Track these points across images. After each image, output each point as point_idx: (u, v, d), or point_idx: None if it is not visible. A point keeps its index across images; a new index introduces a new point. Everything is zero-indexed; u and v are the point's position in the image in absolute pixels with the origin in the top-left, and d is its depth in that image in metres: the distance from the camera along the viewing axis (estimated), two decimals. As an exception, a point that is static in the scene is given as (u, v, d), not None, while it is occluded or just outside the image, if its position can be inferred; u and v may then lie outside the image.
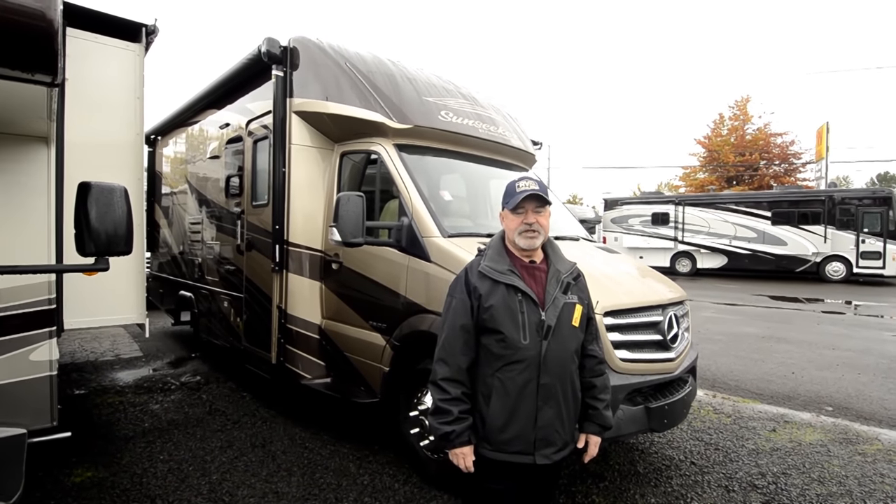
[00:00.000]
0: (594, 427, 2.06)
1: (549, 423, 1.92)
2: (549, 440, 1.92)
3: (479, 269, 2.00)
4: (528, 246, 2.02)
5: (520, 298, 1.93)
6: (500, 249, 2.07)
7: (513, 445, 1.91)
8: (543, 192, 2.02)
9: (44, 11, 1.68)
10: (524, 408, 1.90)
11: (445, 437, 1.92)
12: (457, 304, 1.99)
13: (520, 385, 1.90)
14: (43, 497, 3.10)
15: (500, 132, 4.69)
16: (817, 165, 30.38)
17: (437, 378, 1.96)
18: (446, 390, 1.93)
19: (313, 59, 4.24)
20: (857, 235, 18.58)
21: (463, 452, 1.92)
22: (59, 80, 1.90)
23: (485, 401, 1.94)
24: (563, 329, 1.95)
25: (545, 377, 1.91)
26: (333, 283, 4.16)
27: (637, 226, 23.33)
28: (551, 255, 2.11)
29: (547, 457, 1.92)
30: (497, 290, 1.94)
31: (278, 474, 3.46)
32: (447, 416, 1.91)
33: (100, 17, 3.71)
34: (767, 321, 10.20)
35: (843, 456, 3.89)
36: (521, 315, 1.91)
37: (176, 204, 7.09)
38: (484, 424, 1.94)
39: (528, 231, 2.00)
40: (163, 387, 5.40)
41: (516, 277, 1.96)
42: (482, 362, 1.96)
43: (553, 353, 1.92)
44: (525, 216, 2.01)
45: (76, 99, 3.47)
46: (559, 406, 1.94)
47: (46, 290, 3.21)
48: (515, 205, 2.01)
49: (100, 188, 1.94)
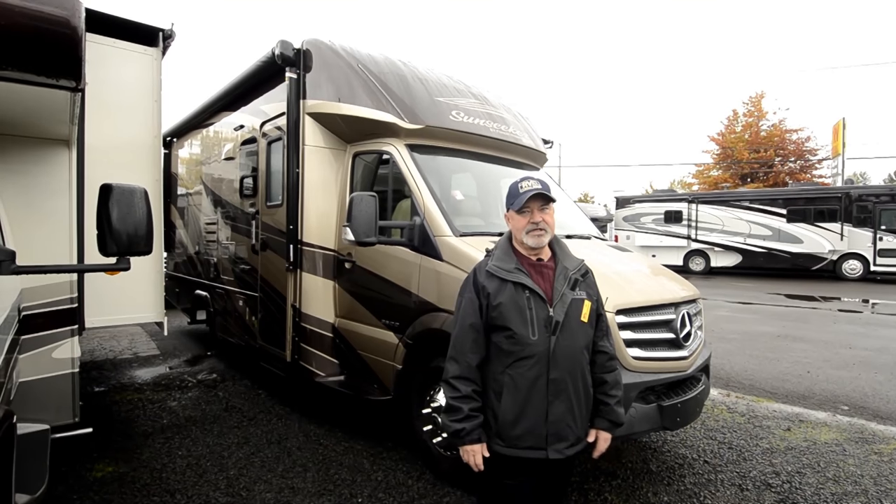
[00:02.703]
0: (605, 423, 2.07)
1: (561, 418, 1.95)
2: (560, 435, 1.95)
3: (486, 269, 2.04)
4: (537, 244, 2.05)
5: (527, 295, 1.97)
6: (508, 249, 2.10)
7: (525, 441, 1.94)
8: (547, 190, 2.05)
9: (68, 19, 1.74)
10: (535, 403, 1.93)
11: (456, 434, 1.96)
12: (466, 304, 2.04)
13: (530, 380, 1.93)
14: (66, 491, 3.17)
15: (511, 131, 4.70)
16: (833, 162, 29.89)
17: (449, 376, 2.00)
18: (457, 388, 1.97)
19: (326, 61, 4.28)
20: (875, 233, 18.27)
21: (473, 450, 1.96)
22: (82, 86, 1.96)
23: (496, 397, 1.97)
24: (571, 324, 1.98)
25: (555, 372, 1.94)
26: (347, 282, 4.20)
27: (649, 224, 23.13)
28: (559, 252, 2.14)
29: (559, 451, 1.95)
30: (505, 288, 1.98)
31: (294, 470, 3.51)
32: (458, 413, 1.95)
33: (119, 22, 3.78)
34: (783, 320, 10.08)
35: (858, 455, 3.85)
36: (529, 311, 1.95)
37: (191, 205, 7.19)
38: (496, 421, 1.97)
39: (535, 230, 2.04)
40: (180, 384, 5.49)
41: (523, 275, 2.00)
42: (493, 360, 2.00)
43: (562, 349, 1.95)
44: (531, 216, 2.04)
45: (96, 102, 3.54)
46: (570, 401, 1.96)
47: (69, 290, 3.29)
48: (521, 205, 2.04)
49: (121, 190, 1.98)
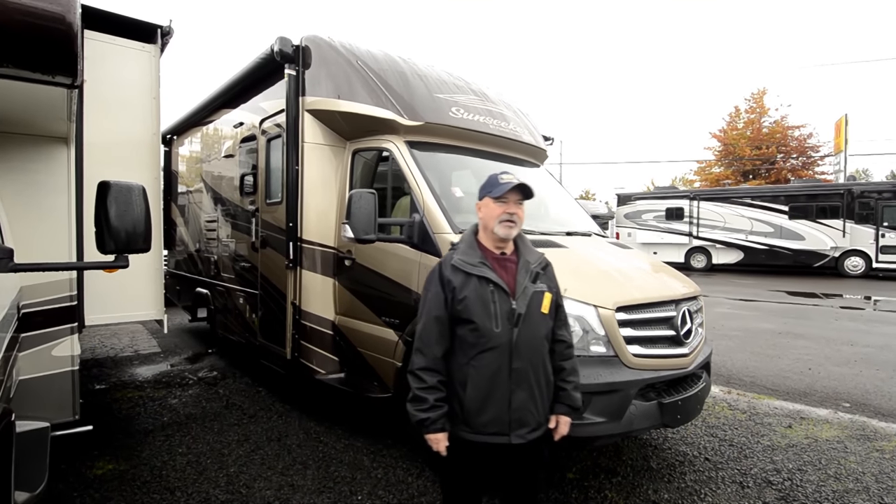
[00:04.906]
0: (564, 408, 2.17)
1: (523, 405, 2.04)
2: (523, 421, 2.04)
3: (451, 263, 2.10)
4: (506, 235, 2.11)
5: (491, 289, 2.04)
6: (472, 243, 2.17)
7: (489, 427, 2.03)
8: (528, 187, 2.13)
9: (64, 14, 1.72)
10: (498, 392, 2.02)
11: (421, 423, 2.04)
12: (432, 297, 2.10)
13: (493, 370, 2.02)
14: (66, 489, 3.18)
15: (511, 128, 4.69)
16: (836, 158, 29.78)
17: (415, 367, 2.07)
18: (423, 379, 2.04)
19: (325, 58, 4.27)
20: (877, 229, 18.21)
21: (437, 438, 2.04)
22: (78, 82, 1.94)
23: (461, 387, 2.04)
24: (532, 316, 2.06)
25: (517, 362, 2.02)
26: (346, 280, 4.20)
27: (651, 221, 23.10)
28: (521, 247, 2.22)
29: (522, 437, 2.04)
30: (470, 282, 2.05)
31: (294, 467, 3.51)
32: (423, 403, 2.02)
33: (116, 19, 3.77)
34: (784, 317, 10.06)
35: (860, 452, 3.84)
36: (493, 305, 2.02)
37: (192, 202, 7.19)
38: (462, 409, 2.05)
39: (508, 221, 2.10)
40: (181, 382, 5.50)
41: (488, 269, 2.07)
42: (457, 351, 2.07)
43: (524, 340, 2.03)
44: (507, 206, 2.10)
45: (94, 100, 3.54)
46: (531, 389, 2.06)
47: (68, 288, 3.29)
48: (501, 194, 2.10)
49: (118, 187, 1.97)
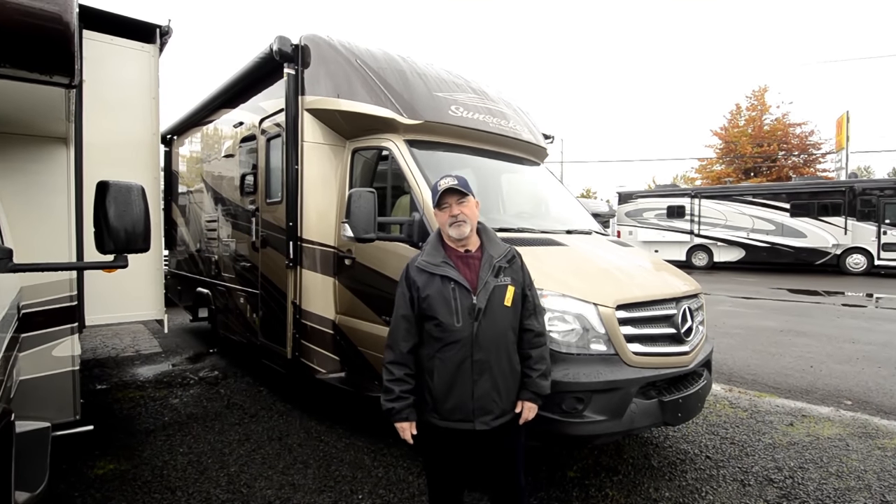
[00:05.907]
0: (529, 394, 2.27)
1: (486, 394, 2.17)
2: (486, 409, 2.18)
3: (416, 265, 2.25)
4: (459, 235, 2.25)
5: (452, 286, 2.18)
6: (437, 245, 2.31)
7: (455, 414, 2.18)
8: (461, 186, 2.25)
9: (61, 14, 1.72)
10: (461, 382, 2.16)
11: (389, 412, 2.20)
12: (399, 297, 2.26)
13: (457, 362, 2.16)
14: (67, 489, 3.18)
15: (511, 126, 4.68)
16: (837, 156, 29.72)
17: (385, 361, 2.24)
18: (391, 372, 2.20)
19: (324, 57, 4.26)
20: (879, 227, 18.18)
21: (402, 427, 2.20)
22: (76, 82, 1.95)
23: (430, 377, 2.20)
24: (494, 310, 2.18)
25: (478, 354, 2.16)
26: (346, 279, 4.20)
27: (652, 219, 23.09)
28: (486, 242, 2.34)
29: (485, 423, 2.18)
30: (433, 281, 2.19)
31: (295, 467, 3.51)
32: (391, 394, 2.19)
33: (115, 19, 3.77)
34: (786, 315, 10.05)
35: (861, 450, 3.84)
36: (454, 301, 2.16)
37: (192, 202, 7.19)
38: (432, 397, 2.20)
39: (455, 222, 2.25)
40: (182, 382, 5.51)
41: (449, 268, 2.21)
42: (425, 345, 2.22)
43: (485, 333, 2.16)
44: (450, 209, 2.25)
45: (93, 100, 3.54)
46: (494, 378, 2.19)
47: (68, 288, 3.29)
48: (437, 201, 2.27)
49: (117, 187, 1.97)
